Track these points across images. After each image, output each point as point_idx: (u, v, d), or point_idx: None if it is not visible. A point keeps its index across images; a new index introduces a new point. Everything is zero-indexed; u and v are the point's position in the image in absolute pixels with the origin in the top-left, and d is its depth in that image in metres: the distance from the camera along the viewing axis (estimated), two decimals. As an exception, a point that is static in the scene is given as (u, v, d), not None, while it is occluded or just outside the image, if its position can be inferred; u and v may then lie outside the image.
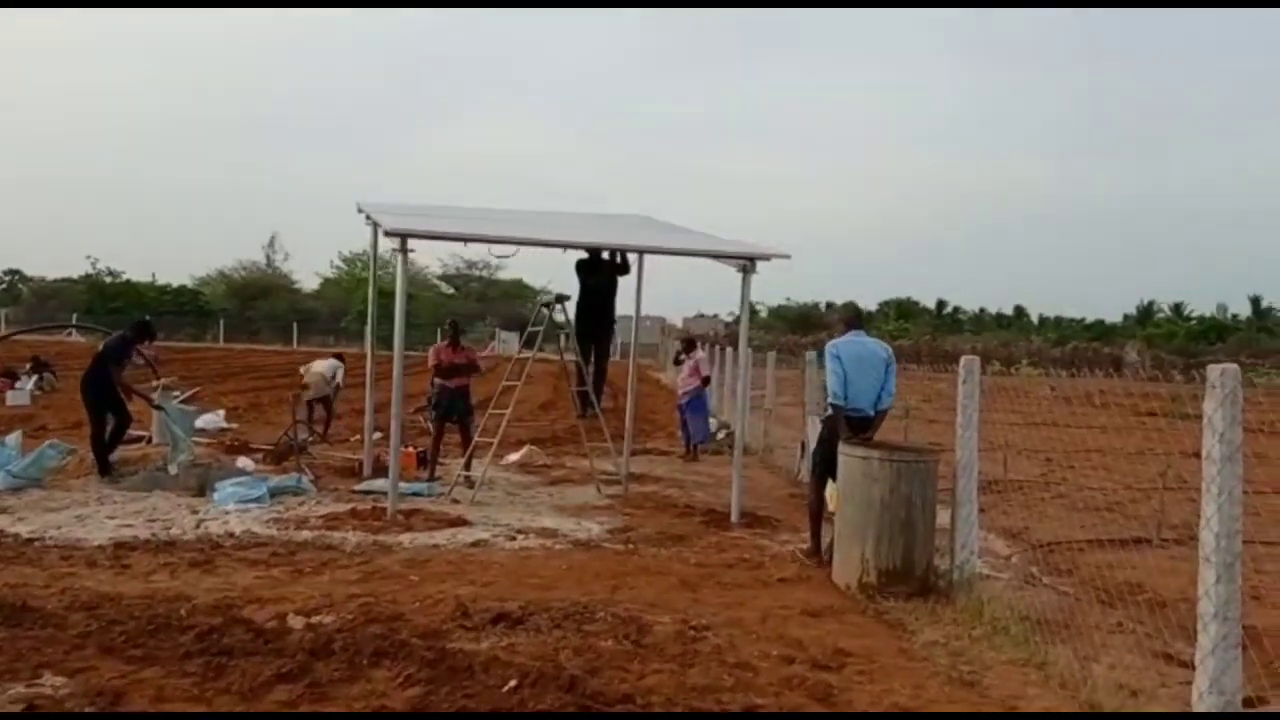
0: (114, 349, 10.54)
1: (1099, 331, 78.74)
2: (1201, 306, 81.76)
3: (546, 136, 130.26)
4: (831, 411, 7.58)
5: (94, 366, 10.55)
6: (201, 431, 15.46)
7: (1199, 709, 4.14)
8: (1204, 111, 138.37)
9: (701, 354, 15.80)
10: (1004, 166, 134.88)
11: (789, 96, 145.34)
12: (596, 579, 6.89)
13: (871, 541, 6.73)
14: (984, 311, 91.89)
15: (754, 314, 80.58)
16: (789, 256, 9.42)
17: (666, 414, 21.06)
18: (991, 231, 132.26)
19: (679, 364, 15.74)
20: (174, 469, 10.11)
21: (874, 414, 7.60)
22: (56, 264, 79.48)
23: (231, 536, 7.83)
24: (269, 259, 75.47)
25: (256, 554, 7.31)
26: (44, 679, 4.61)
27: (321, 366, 15.13)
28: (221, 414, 17.19)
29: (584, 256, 10.93)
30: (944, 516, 7.10)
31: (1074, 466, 14.81)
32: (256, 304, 68.18)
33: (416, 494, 10.10)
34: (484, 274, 78.29)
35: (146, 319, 11.64)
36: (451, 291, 79.24)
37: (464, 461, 10.98)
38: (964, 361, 6.90)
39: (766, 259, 9.35)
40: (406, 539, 7.99)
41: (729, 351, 21.08)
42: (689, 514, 9.65)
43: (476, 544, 7.93)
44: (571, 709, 4.41)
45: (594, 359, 11.16)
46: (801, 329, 70.60)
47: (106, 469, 10.16)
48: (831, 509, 7.73)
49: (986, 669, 5.30)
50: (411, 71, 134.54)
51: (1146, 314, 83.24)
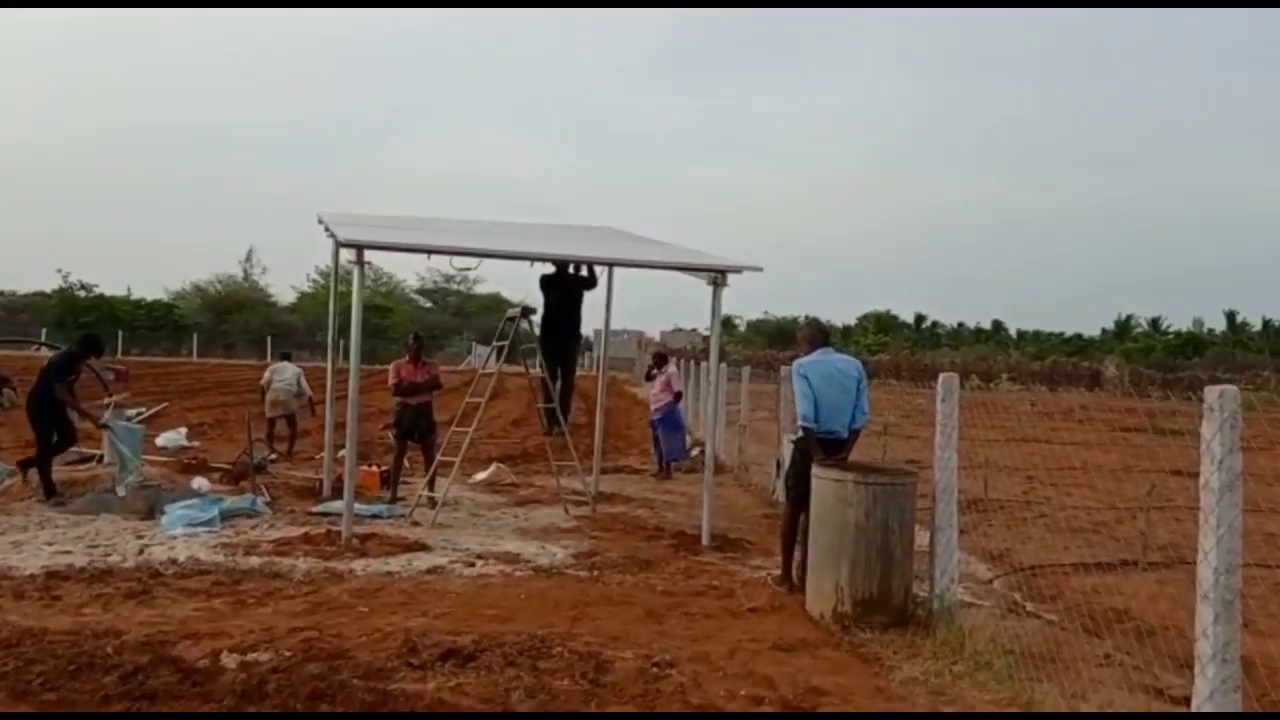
0: (59, 365, 10.11)
1: (1077, 346, 78.98)
2: (1178, 321, 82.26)
3: (529, 154, 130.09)
4: (803, 434, 7.24)
5: (40, 383, 10.14)
6: (162, 450, 15.03)
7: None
8: (1175, 124, 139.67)
9: (673, 369, 15.45)
10: (980, 181, 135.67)
11: (765, 112, 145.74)
12: (556, 610, 6.52)
13: (846, 569, 6.39)
14: (962, 326, 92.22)
15: (732, 328, 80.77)
16: (760, 269, 9.11)
17: (642, 430, 20.70)
18: (969, 245, 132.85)
19: (650, 379, 15.39)
20: (122, 490, 9.68)
21: (847, 435, 7.27)
22: (27, 277, 78.59)
23: (174, 564, 7.41)
24: (246, 273, 74.90)
25: (198, 583, 6.90)
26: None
27: (287, 378, 14.67)
28: (184, 431, 16.68)
29: (549, 271, 10.60)
30: (922, 539, 6.79)
31: (1056, 485, 14.54)
32: (231, 318, 67.43)
33: (375, 516, 9.70)
34: (461, 288, 78.00)
35: (93, 334, 11.23)
36: (429, 305, 78.83)
37: (426, 481, 10.59)
38: (943, 379, 6.59)
39: (737, 271, 9.04)
40: (360, 565, 7.59)
41: (704, 366, 20.75)
42: (658, 536, 9.29)
43: (433, 571, 7.54)
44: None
45: (560, 374, 10.81)
46: (779, 343, 70.47)
47: (51, 491, 9.72)
48: None
49: (969, 709, 4.96)
50: (392, 87, 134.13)
51: (1124, 328, 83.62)
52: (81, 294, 67.80)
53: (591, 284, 10.91)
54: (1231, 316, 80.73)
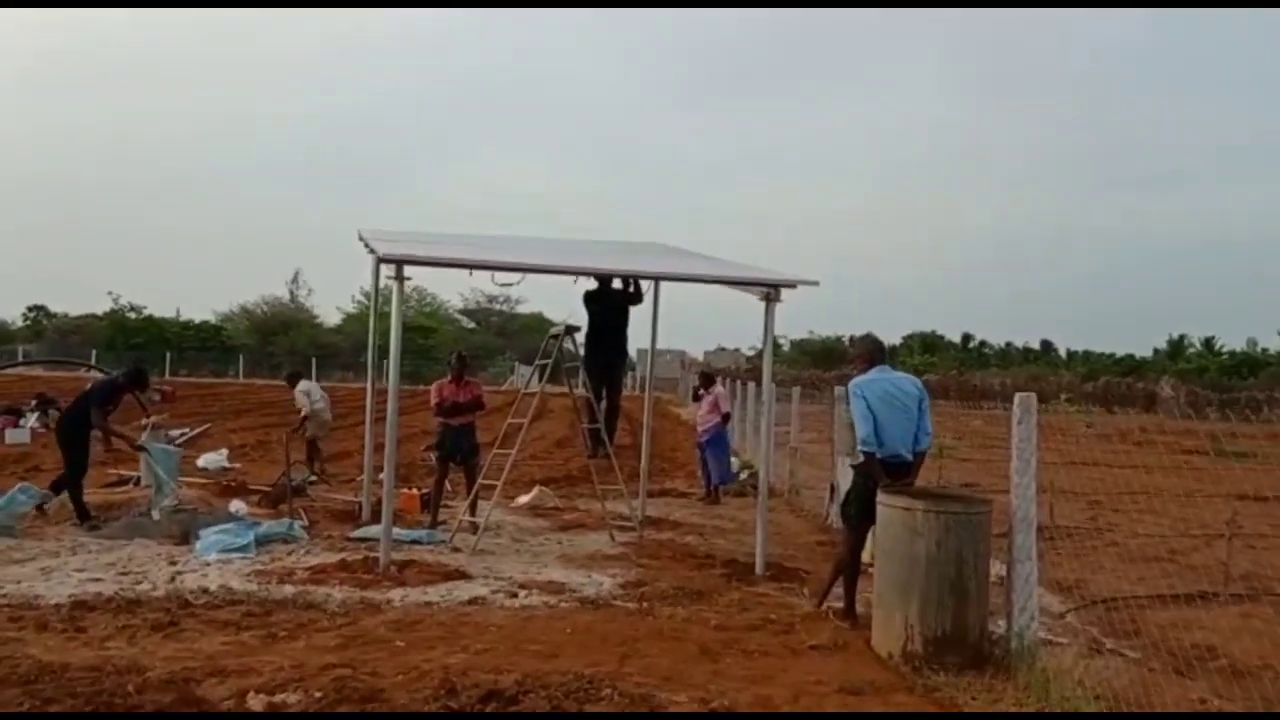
0: (100, 392, 9.90)
1: (1129, 366, 77.33)
2: (1232, 341, 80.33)
3: (564, 178, 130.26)
4: (863, 458, 6.77)
5: (74, 408, 9.96)
6: (203, 471, 14.85)
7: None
8: (1225, 140, 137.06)
9: (721, 389, 14.98)
10: (1025, 198, 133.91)
11: (810, 131, 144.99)
12: (604, 645, 6.10)
13: (916, 604, 5.93)
14: (1010, 345, 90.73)
15: (777, 348, 79.48)
16: (817, 283, 8.68)
17: (686, 451, 20.27)
18: (1015, 264, 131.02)
19: (698, 400, 14.94)
20: (157, 514, 9.42)
21: (912, 458, 6.81)
22: (80, 300, 79.84)
23: (205, 593, 7.09)
24: (292, 294, 75.53)
25: (229, 614, 6.57)
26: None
27: (317, 398, 14.46)
28: (225, 453, 16.52)
29: (592, 288, 10.24)
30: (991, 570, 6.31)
31: (1122, 510, 13.94)
32: (277, 339, 67.89)
33: (415, 541, 9.36)
34: (504, 308, 78.13)
35: (140, 367, 11.10)
36: (472, 325, 78.98)
37: (468, 505, 10.24)
38: (1019, 399, 6.11)
39: (792, 286, 8.61)
40: (397, 595, 7.23)
41: (750, 386, 20.30)
42: (709, 565, 8.84)
43: (474, 602, 7.15)
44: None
45: (606, 395, 10.41)
46: (825, 363, 69.67)
47: (85, 515, 9.49)
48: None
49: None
50: (438, 110, 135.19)
51: (1177, 348, 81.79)
52: (131, 316, 68.67)
53: (637, 299, 10.53)
54: (1287, 336, 78.70)
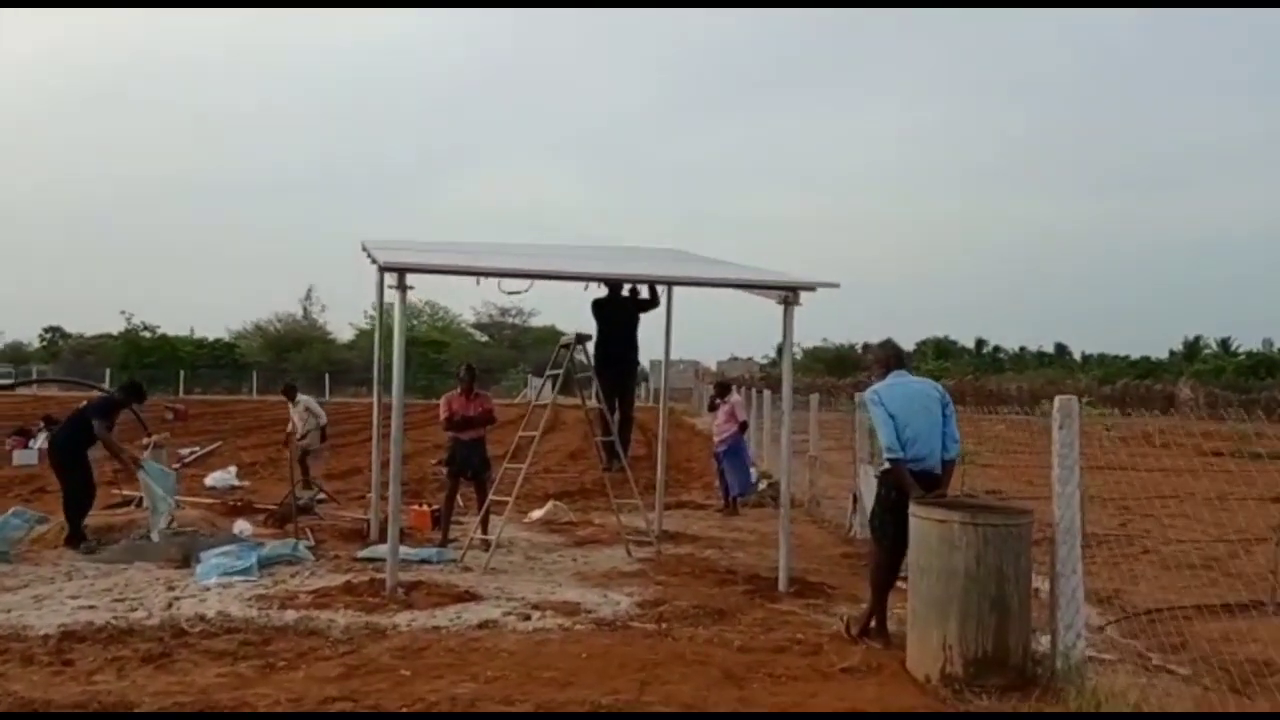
0: (97, 408, 9.60)
1: (1145, 368, 76.58)
2: (1248, 341, 79.50)
3: (574, 187, 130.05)
4: (888, 466, 6.40)
5: (66, 429, 9.67)
6: (211, 490, 14.56)
7: None
8: (1231, 141, 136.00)
9: (737, 398, 14.61)
10: (1035, 203, 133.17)
11: (819, 138, 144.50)
12: (622, 671, 5.74)
13: (955, 623, 5.55)
14: (1024, 350, 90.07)
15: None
16: (837, 285, 8.31)
17: (702, 462, 19.90)
18: (1027, 269, 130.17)
19: (714, 409, 14.56)
20: (155, 536, 9.11)
21: (940, 468, 6.43)
22: (95, 320, 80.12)
23: (202, 620, 6.74)
24: (306, 311, 75.56)
25: (225, 643, 6.22)
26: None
27: (319, 413, 14.24)
28: (234, 471, 16.24)
29: (600, 296, 9.90)
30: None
31: (1153, 515, 13.50)
32: (290, 356, 67.83)
33: (424, 561, 9.02)
34: (517, 320, 77.99)
35: (136, 381, 10.86)
36: (485, 339, 78.84)
37: (479, 522, 9.89)
38: (1059, 402, 5.73)
39: (811, 289, 8.24)
40: (404, 619, 6.88)
41: (766, 395, 19.92)
42: (730, 581, 8.45)
43: (485, 625, 6.78)
44: None
45: (618, 406, 10.06)
46: (839, 370, 69.24)
47: (80, 538, 9.19)
48: None
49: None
50: (446, 124, 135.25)
51: (1193, 350, 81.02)
52: (145, 335, 68.73)
53: (653, 304, 10.19)
54: (1303, 335, 77.82)
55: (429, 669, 5.77)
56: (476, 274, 7.66)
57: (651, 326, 10.48)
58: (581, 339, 9.67)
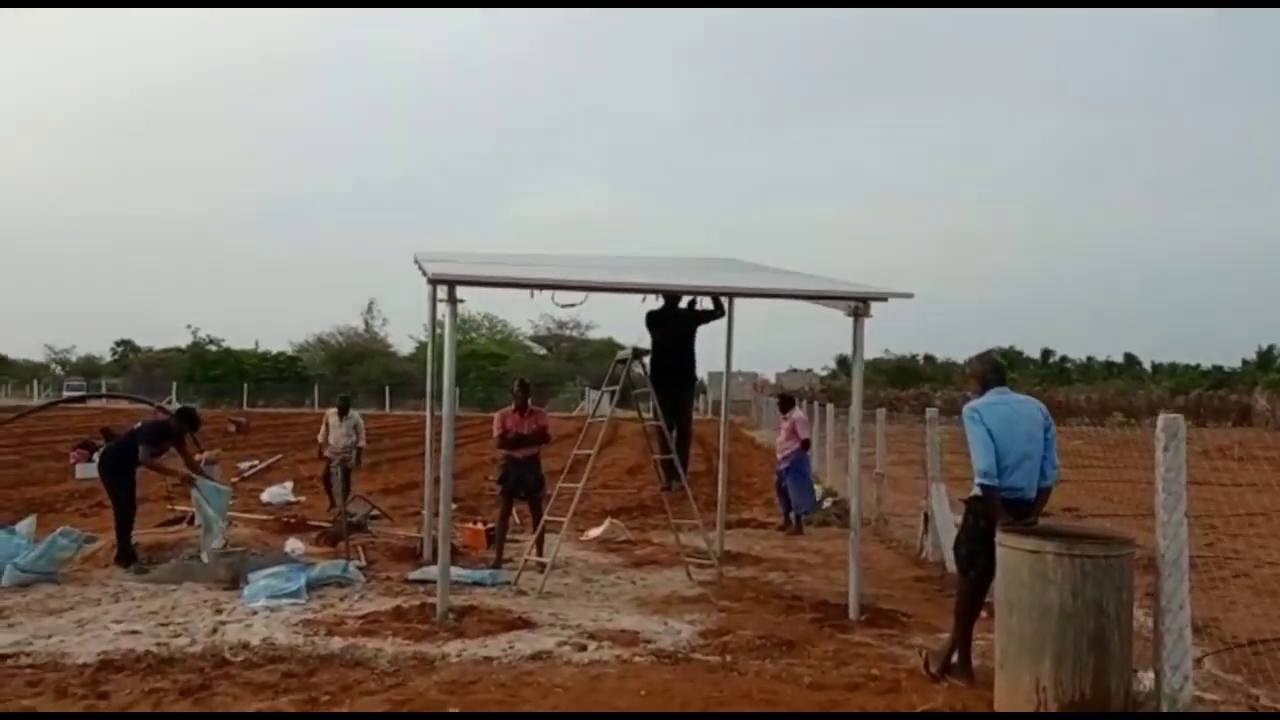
0: (148, 434, 9.43)
1: (1217, 379, 74.23)
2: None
3: (628, 201, 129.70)
4: (980, 492, 5.91)
5: (118, 446, 9.54)
6: (267, 506, 14.43)
7: None
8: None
9: (799, 413, 14.07)
10: (1101, 212, 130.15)
11: (878, 149, 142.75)
12: (684, 712, 5.34)
13: (1049, 662, 5.06)
14: (1091, 360, 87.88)
15: (848, 367, 77.85)
16: (911, 295, 7.84)
17: (763, 477, 19.41)
18: (1093, 278, 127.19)
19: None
20: (205, 556, 8.90)
21: (1036, 495, 5.94)
22: (163, 334, 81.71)
23: (245, 648, 6.47)
24: (367, 324, 76.22)
25: (268, 674, 5.93)
26: None
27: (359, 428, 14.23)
28: (290, 486, 16.13)
29: (655, 308, 9.53)
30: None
31: (1240, 535, 12.77)
32: (352, 369, 68.44)
33: (477, 583, 8.70)
34: (574, 334, 77.93)
35: (190, 408, 10.75)
36: (543, 352, 78.92)
37: (533, 543, 9.55)
38: (1164, 420, 5.22)
39: (883, 299, 7.79)
40: (454, 649, 6.54)
41: (830, 409, 19.35)
42: (797, 608, 7.99)
43: (538, 657, 6.41)
44: None
45: (676, 423, 9.63)
46: (900, 382, 68.01)
47: (131, 557, 9.02)
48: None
49: None
50: (504, 138, 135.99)
51: (1267, 359, 78.35)
52: (211, 348, 69.84)
53: (716, 315, 9.78)
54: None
55: (478, 705, 5.43)
56: (525, 286, 7.32)
57: (710, 339, 10.10)
58: (639, 354, 9.30)
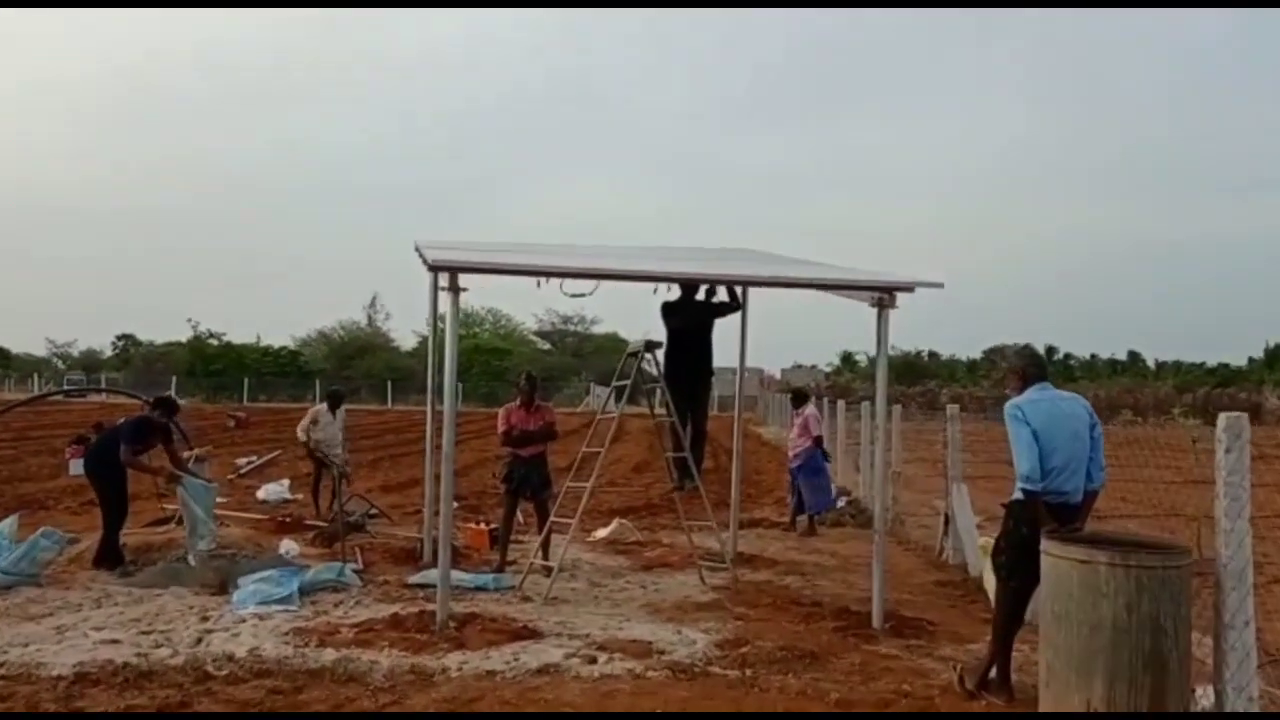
0: (129, 432, 9.00)
1: (1224, 376, 73.57)
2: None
3: (637, 195, 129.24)
4: (1022, 497, 5.49)
5: (102, 444, 9.14)
6: (263, 503, 14.03)
7: None
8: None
9: (812, 409, 13.60)
10: (1104, 208, 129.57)
11: (879, 145, 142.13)
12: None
13: (1101, 683, 4.65)
14: (1095, 357, 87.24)
15: (854, 364, 77.67)
16: (941, 285, 7.42)
17: (773, 475, 19.02)
18: (1097, 275, 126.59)
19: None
20: (193, 559, 8.49)
21: (1081, 499, 5.52)
22: (165, 328, 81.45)
23: (230, 660, 6.03)
24: (370, 319, 75.75)
25: (252, 690, 5.51)
26: None
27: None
28: (287, 483, 15.70)
29: (672, 298, 9.10)
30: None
31: (1269, 537, 12.31)
32: (354, 363, 68.01)
33: (480, 588, 8.29)
34: (579, 328, 77.41)
35: (167, 395, 10.42)
36: (547, 347, 78.42)
37: (539, 546, 9.13)
38: (1224, 420, 4.78)
39: (909, 289, 7.34)
40: (454, 661, 6.11)
41: (840, 405, 18.92)
42: (817, 615, 7.54)
43: (544, 671, 5.97)
44: None
45: (691, 419, 9.20)
46: (906, 378, 67.43)
47: (116, 560, 8.61)
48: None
49: None
50: (511, 134, 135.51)
51: (1274, 356, 77.64)
52: (212, 343, 69.41)
53: (734, 307, 9.37)
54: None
55: (481, 727, 5.01)
56: (531, 273, 6.88)
57: (722, 332, 9.66)
58: (651, 346, 8.88)
